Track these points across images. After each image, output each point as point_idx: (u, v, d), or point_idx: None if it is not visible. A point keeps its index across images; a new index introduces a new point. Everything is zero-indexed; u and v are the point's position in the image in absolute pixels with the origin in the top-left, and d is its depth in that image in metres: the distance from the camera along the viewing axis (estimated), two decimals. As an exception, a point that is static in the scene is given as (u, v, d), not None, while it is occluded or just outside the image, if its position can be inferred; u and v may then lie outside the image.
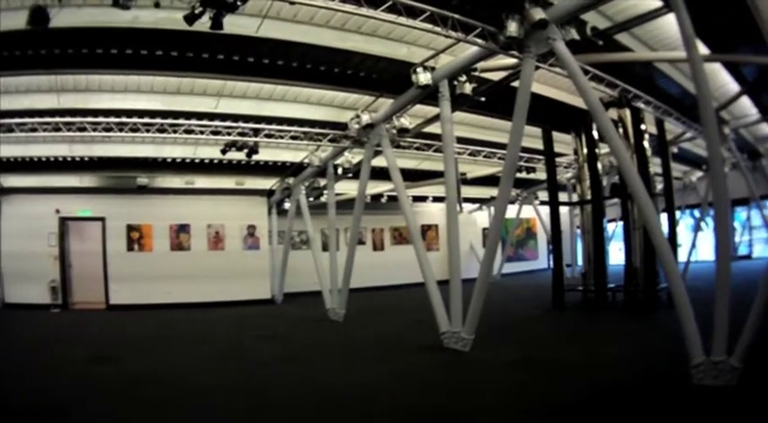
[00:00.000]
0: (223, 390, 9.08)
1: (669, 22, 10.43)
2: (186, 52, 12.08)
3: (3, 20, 10.34)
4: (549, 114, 15.86)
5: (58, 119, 15.42)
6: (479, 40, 10.66)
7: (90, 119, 15.60)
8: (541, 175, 22.68)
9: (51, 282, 21.95)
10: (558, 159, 19.72)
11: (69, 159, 19.30)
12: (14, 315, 19.76)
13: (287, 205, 23.46)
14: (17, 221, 21.82)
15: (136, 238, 23.21)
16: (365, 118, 14.74)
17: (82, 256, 23.04)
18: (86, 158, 19.41)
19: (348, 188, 21.97)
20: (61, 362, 11.58)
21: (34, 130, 15.53)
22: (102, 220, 22.81)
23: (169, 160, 19.89)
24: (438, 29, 10.30)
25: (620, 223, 17.30)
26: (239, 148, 16.55)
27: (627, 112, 15.70)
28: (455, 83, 12.30)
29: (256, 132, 16.38)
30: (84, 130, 15.68)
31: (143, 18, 10.77)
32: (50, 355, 12.41)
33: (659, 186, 18.09)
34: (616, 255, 19.36)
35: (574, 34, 9.88)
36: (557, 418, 7.03)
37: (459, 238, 12.43)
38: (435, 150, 18.71)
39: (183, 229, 23.76)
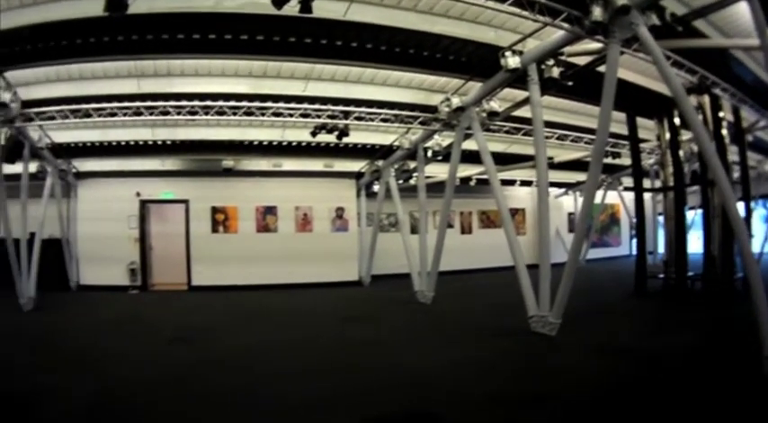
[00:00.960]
0: (310, 372, 9.33)
1: (744, 9, 10.33)
2: (272, 36, 12.23)
3: (82, 6, 10.76)
4: (632, 99, 15.74)
5: (138, 103, 15.65)
6: (565, 25, 10.73)
7: (173, 103, 15.78)
8: (626, 160, 22.60)
9: (131, 264, 22.66)
10: (640, 145, 19.45)
11: (151, 143, 19.73)
12: (93, 296, 20.30)
13: (376, 188, 23.52)
14: (95, 205, 22.64)
15: (221, 219, 23.68)
16: (455, 101, 14.81)
17: (163, 238, 23.83)
18: (168, 142, 19.77)
19: (436, 171, 21.89)
20: (143, 343, 12.02)
21: (114, 114, 15.75)
22: (185, 202, 23.32)
23: (255, 143, 20.22)
24: (525, 13, 10.43)
25: (700, 211, 17.18)
26: (329, 131, 16.58)
27: (706, 99, 15.66)
28: (542, 67, 12.29)
29: (346, 115, 16.45)
30: (167, 113, 15.86)
31: (226, 2, 11.11)
32: (132, 336, 12.83)
33: (735, 175, 17.94)
34: (695, 243, 19.20)
35: (655, 20, 9.96)
36: (637, 404, 7.22)
37: (549, 222, 12.64)
38: (524, 134, 18.60)
39: (269, 211, 24.07)
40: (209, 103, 15.87)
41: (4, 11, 11.10)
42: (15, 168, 16.01)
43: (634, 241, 24.04)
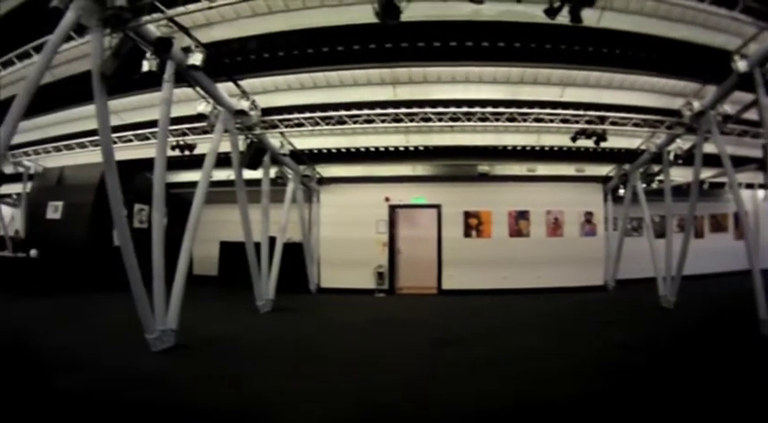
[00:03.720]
0: (569, 373, 9.65)
1: None
2: (529, 43, 13.29)
3: (324, 15, 12.23)
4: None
5: (394, 110, 16.97)
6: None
7: (431, 109, 16.98)
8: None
9: (378, 267, 23.88)
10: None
11: (402, 149, 20.78)
12: (336, 299, 21.51)
13: (620, 192, 23.69)
14: (338, 209, 24.49)
15: (474, 224, 24.37)
16: (696, 105, 15.14)
17: (411, 242, 25.05)
18: (421, 148, 20.75)
19: (673, 175, 21.94)
20: (407, 344, 12.52)
21: (370, 121, 17.06)
22: (437, 207, 24.27)
23: (510, 148, 20.75)
24: (749, 19, 11.33)
25: None
26: (588, 136, 17.52)
27: None
28: (763, 70, 12.47)
29: (602, 120, 17.19)
30: (428, 120, 17.08)
31: (484, 11, 11.82)
32: (396, 337, 13.46)
33: None
34: None
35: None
36: None
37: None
38: (753, 136, 18.46)
39: (522, 215, 24.57)
40: (466, 109, 16.96)
41: (240, 19, 12.69)
42: (255, 174, 17.06)
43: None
